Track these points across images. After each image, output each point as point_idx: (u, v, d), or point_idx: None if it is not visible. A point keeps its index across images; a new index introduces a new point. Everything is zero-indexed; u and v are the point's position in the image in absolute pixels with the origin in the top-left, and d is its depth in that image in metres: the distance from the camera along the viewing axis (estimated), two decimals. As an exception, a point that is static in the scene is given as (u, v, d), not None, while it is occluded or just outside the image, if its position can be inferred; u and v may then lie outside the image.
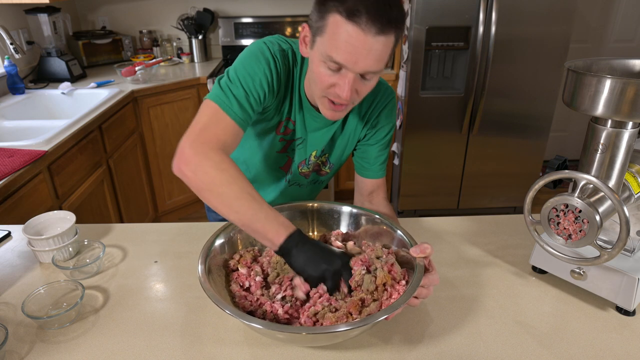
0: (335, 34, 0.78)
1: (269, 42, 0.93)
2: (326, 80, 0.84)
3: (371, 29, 0.76)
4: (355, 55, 0.79)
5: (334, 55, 0.80)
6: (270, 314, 0.75)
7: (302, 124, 1.03)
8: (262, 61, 0.90)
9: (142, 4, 3.12)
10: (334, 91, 0.85)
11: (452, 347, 0.77)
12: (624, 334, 0.80)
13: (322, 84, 0.86)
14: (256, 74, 0.90)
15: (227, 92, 0.88)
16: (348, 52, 0.78)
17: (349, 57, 0.79)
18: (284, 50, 0.94)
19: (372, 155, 1.10)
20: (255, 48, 0.92)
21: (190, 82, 2.67)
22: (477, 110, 2.62)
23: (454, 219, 1.17)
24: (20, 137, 1.78)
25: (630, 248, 0.86)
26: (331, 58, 0.80)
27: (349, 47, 0.78)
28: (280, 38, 0.96)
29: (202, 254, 0.80)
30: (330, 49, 0.80)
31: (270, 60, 0.91)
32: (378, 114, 1.06)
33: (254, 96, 0.89)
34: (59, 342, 0.78)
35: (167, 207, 2.85)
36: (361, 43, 0.77)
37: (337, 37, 0.78)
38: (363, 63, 0.80)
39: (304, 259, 0.78)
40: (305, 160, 1.11)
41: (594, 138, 0.79)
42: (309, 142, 1.07)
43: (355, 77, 0.83)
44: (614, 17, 3.30)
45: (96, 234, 1.11)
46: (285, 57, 0.94)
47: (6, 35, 2.06)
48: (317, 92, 0.89)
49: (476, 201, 2.95)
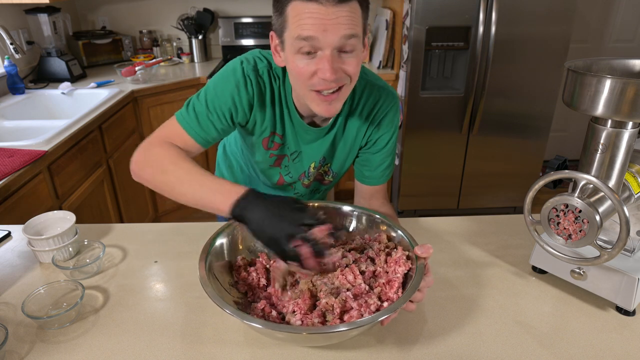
0: (297, 17, 0.78)
1: (245, 60, 0.95)
2: (306, 70, 0.82)
3: (329, 1, 0.76)
4: (322, 25, 0.77)
5: (301, 33, 0.78)
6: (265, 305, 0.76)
7: (294, 138, 1.03)
8: (232, 82, 0.93)
9: (142, 4, 3.12)
10: (317, 79, 0.83)
11: (452, 347, 0.77)
12: (624, 334, 0.80)
13: (303, 76, 0.84)
14: (223, 94, 0.93)
15: (189, 110, 0.94)
16: (314, 25, 0.77)
17: (316, 29, 0.77)
18: (259, 69, 0.95)
19: (374, 163, 1.08)
20: (229, 68, 0.95)
21: (190, 82, 2.67)
22: (477, 110, 2.62)
23: (454, 219, 1.17)
24: (20, 137, 1.78)
25: (630, 248, 0.86)
26: (300, 36, 0.79)
27: (314, 20, 0.77)
28: (258, 54, 0.97)
29: (202, 253, 0.80)
30: (297, 31, 0.79)
31: (240, 81, 0.93)
32: (381, 118, 1.03)
33: (217, 114, 0.94)
34: (59, 342, 0.78)
35: (167, 207, 2.85)
36: (324, 14, 0.77)
37: (301, 18, 0.78)
38: (333, 32, 0.78)
39: (255, 224, 0.74)
40: (305, 173, 1.10)
41: (594, 138, 0.79)
42: (305, 154, 1.06)
43: (332, 54, 0.80)
44: (614, 17, 3.30)
45: (96, 234, 1.11)
46: (258, 77, 0.95)
47: (6, 35, 2.06)
48: (303, 88, 0.86)
49: (476, 201, 2.95)
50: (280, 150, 1.05)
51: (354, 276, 0.79)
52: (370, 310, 0.74)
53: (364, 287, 0.78)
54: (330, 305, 0.74)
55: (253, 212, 0.75)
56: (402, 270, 0.79)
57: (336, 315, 0.73)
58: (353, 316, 0.72)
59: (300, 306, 0.75)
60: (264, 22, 3.12)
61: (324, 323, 0.73)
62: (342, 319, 0.73)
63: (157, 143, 0.92)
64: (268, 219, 0.74)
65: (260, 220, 0.74)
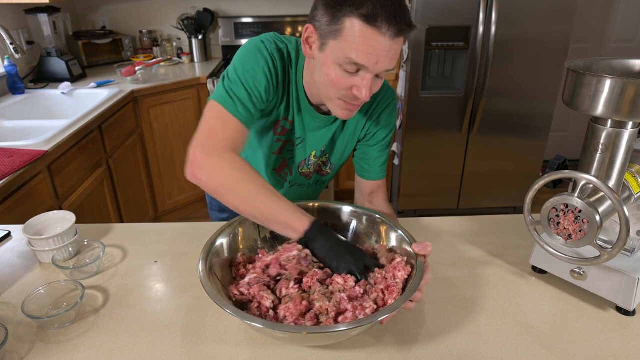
0: (354, 38, 0.79)
1: (266, 40, 0.94)
2: (343, 83, 0.85)
3: (391, 33, 0.78)
4: (377, 57, 0.80)
5: (354, 58, 0.81)
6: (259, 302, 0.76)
7: (301, 124, 1.03)
8: (261, 60, 0.91)
9: (142, 4, 3.12)
10: (351, 93, 0.86)
11: (451, 347, 0.77)
12: (624, 334, 0.80)
13: (338, 87, 0.86)
14: (256, 73, 0.90)
15: (230, 93, 0.90)
16: (369, 54, 0.80)
17: (370, 59, 0.80)
18: (281, 49, 0.94)
19: (372, 156, 1.10)
20: (252, 46, 0.93)
21: (190, 82, 2.67)
22: (477, 110, 2.62)
23: (454, 219, 1.17)
24: (20, 137, 1.78)
25: (630, 248, 0.86)
26: (351, 60, 0.81)
27: (370, 49, 0.79)
28: (276, 36, 0.96)
29: (203, 253, 0.80)
30: (350, 52, 0.80)
31: (268, 59, 0.91)
32: (379, 114, 1.06)
33: (255, 95, 0.90)
34: (59, 342, 0.78)
35: (167, 207, 2.85)
36: (382, 46, 0.79)
37: (357, 41, 0.79)
38: (382, 64, 0.82)
39: (328, 247, 0.82)
40: (305, 160, 1.11)
41: (594, 138, 0.79)
42: (308, 142, 1.07)
43: (372, 79, 0.85)
44: (614, 17, 3.30)
45: (96, 234, 1.11)
46: (282, 57, 0.94)
47: (6, 35, 2.06)
48: (332, 94, 0.89)
49: (476, 201, 2.95)
50: (287, 135, 1.05)
51: (344, 279, 0.78)
52: (365, 313, 0.72)
53: (358, 291, 0.77)
54: (325, 309, 0.73)
55: (324, 241, 0.83)
56: (401, 275, 0.78)
57: (331, 317, 0.72)
58: (348, 318, 0.72)
59: (292, 311, 0.73)
60: (264, 22, 3.12)
61: (317, 325, 0.72)
62: (337, 321, 0.72)
63: (224, 148, 0.86)
64: (339, 246, 0.83)
65: (331, 248, 0.83)
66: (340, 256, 0.81)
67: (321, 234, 0.82)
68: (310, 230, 0.82)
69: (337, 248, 0.82)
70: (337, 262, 0.81)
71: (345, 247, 0.83)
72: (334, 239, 0.83)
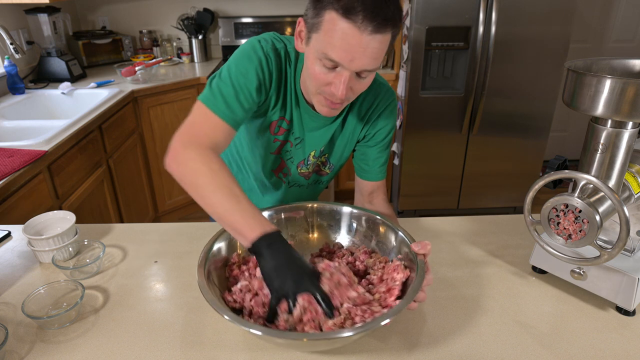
0: (331, 31, 0.77)
1: (263, 40, 0.93)
2: (321, 78, 0.84)
3: (367, 27, 0.75)
4: (351, 53, 0.78)
5: (329, 53, 0.79)
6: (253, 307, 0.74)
7: (299, 123, 1.03)
8: (255, 59, 0.91)
9: (142, 4, 3.12)
10: (329, 89, 0.85)
11: (452, 347, 0.77)
12: (624, 334, 0.80)
13: (317, 82, 0.85)
14: (248, 72, 0.90)
15: (215, 92, 0.90)
16: (344, 50, 0.78)
17: (344, 55, 0.78)
18: (277, 49, 0.94)
19: (371, 157, 1.10)
20: (248, 46, 0.93)
21: (190, 82, 2.67)
22: (477, 110, 2.62)
23: (454, 219, 1.17)
24: (20, 137, 1.78)
25: (630, 248, 0.86)
26: (326, 55, 0.80)
27: (345, 45, 0.77)
28: (274, 36, 0.96)
29: (201, 258, 0.79)
30: (326, 47, 0.79)
31: (262, 59, 0.91)
32: (378, 115, 1.05)
33: (244, 94, 0.90)
34: (59, 342, 0.78)
35: (167, 207, 2.85)
36: (357, 41, 0.76)
37: (333, 35, 0.77)
38: (359, 61, 0.79)
39: (273, 264, 0.73)
40: (304, 161, 1.11)
41: (594, 138, 0.79)
42: (307, 141, 1.07)
43: (350, 76, 0.82)
44: (614, 17, 3.30)
45: (96, 234, 1.11)
46: (278, 57, 0.94)
47: (6, 35, 2.06)
48: (312, 88, 0.89)
49: (476, 201, 2.95)
50: (285, 135, 1.04)
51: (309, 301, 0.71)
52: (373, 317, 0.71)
53: (368, 297, 0.75)
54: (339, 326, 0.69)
55: (271, 256, 0.73)
56: (400, 277, 0.78)
57: None
58: (357, 323, 0.70)
59: None
60: (264, 22, 3.12)
61: None
62: None
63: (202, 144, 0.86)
64: (283, 267, 0.72)
65: (276, 266, 0.72)
66: (281, 278, 0.71)
67: (269, 248, 0.73)
68: (258, 243, 0.74)
69: (280, 269, 0.72)
70: (276, 286, 0.71)
71: (294, 268, 0.72)
72: (282, 257, 0.73)
